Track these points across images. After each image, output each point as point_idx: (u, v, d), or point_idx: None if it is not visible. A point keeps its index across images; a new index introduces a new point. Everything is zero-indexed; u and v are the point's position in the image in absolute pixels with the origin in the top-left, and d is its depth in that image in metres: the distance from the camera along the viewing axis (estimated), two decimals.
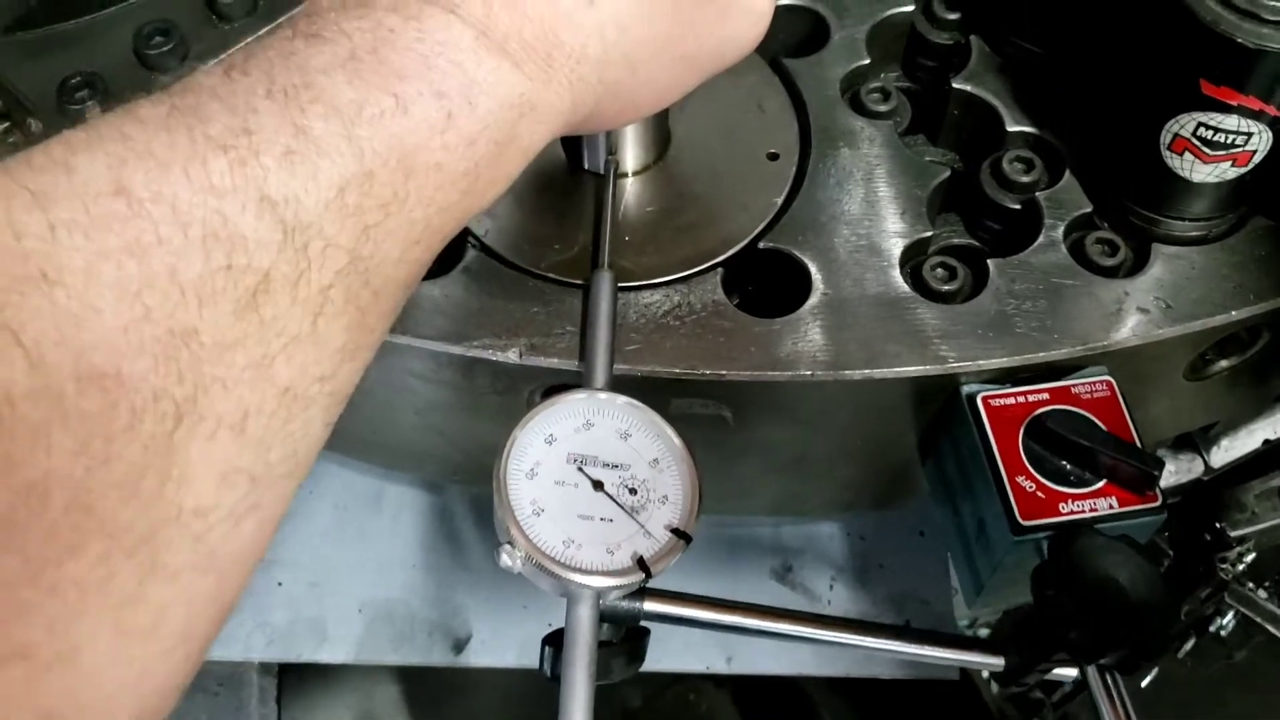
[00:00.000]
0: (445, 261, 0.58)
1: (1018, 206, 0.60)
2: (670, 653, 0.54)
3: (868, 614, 0.71)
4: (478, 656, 0.70)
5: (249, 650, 0.69)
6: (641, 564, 0.46)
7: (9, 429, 0.28)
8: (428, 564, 0.73)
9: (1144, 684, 0.81)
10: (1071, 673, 0.55)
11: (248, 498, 0.33)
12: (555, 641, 0.50)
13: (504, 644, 0.71)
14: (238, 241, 0.32)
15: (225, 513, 0.33)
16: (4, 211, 0.30)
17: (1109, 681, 0.51)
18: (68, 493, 0.29)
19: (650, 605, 0.50)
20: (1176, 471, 0.75)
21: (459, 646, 0.70)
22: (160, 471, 0.31)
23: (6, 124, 0.62)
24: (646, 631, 0.53)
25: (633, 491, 0.48)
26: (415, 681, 1.11)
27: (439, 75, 0.37)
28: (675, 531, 0.47)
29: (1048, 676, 0.55)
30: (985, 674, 0.86)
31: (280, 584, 0.71)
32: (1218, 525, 0.72)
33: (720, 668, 0.70)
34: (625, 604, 0.50)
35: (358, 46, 0.36)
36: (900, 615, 0.71)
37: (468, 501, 0.74)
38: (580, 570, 0.46)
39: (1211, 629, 0.80)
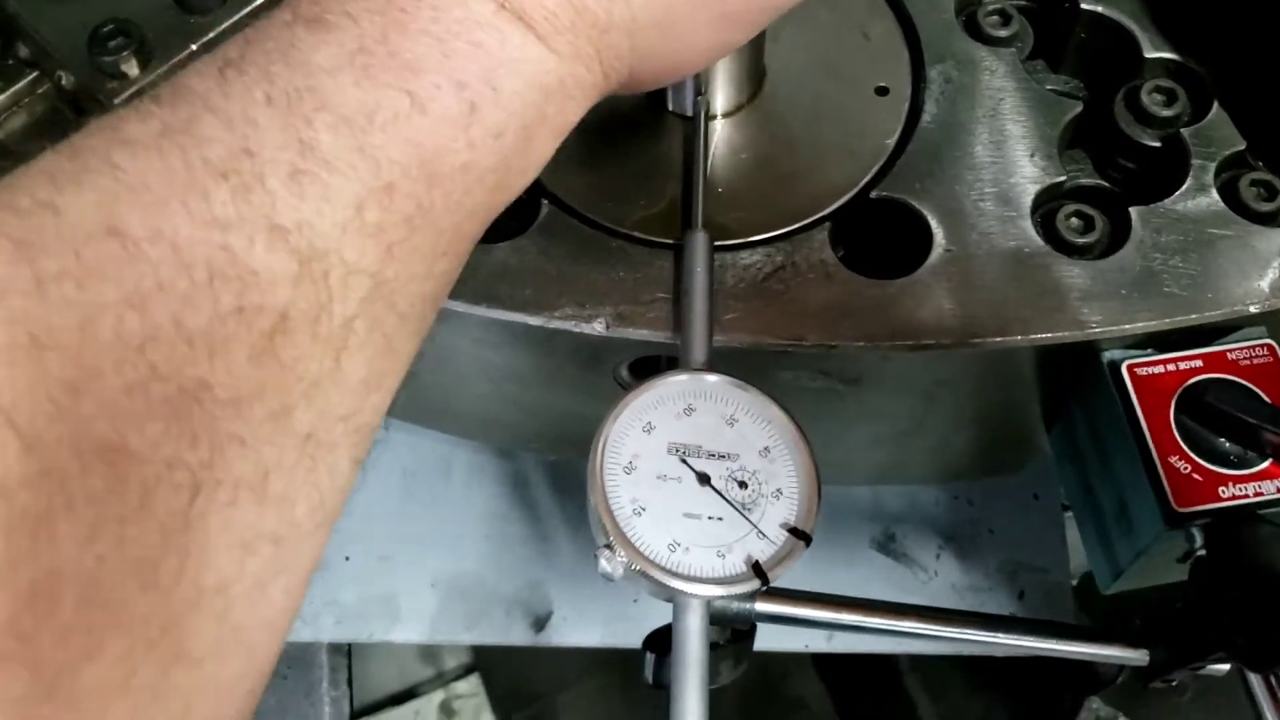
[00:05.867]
0: (519, 220, 0.52)
1: (1157, 144, 0.53)
2: (764, 629, 0.49)
3: (979, 585, 0.66)
4: (560, 635, 0.66)
5: (318, 631, 0.66)
6: (757, 569, 0.42)
7: (6, 524, 0.24)
8: (503, 535, 0.68)
9: None
10: (1224, 667, 0.50)
11: (273, 563, 0.30)
12: (658, 646, 0.45)
13: (588, 621, 0.66)
14: (248, 279, 0.28)
15: (250, 583, 0.29)
16: None
17: (1275, 685, 0.46)
18: (78, 589, 0.25)
19: (762, 606, 0.46)
20: None
21: (539, 624, 0.66)
22: (180, 550, 0.27)
23: (36, 72, 0.57)
24: (753, 628, 0.48)
25: (743, 485, 0.43)
26: None
27: (459, 62, 0.32)
28: (793, 531, 0.43)
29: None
30: None
31: (348, 558, 0.68)
32: None
33: (820, 646, 0.66)
34: (735, 606, 0.45)
35: (365, 34, 0.32)
36: (1014, 585, 0.66)
37: (543, 468, 0.70)
38: (689, 578, 0.41)
39: None
